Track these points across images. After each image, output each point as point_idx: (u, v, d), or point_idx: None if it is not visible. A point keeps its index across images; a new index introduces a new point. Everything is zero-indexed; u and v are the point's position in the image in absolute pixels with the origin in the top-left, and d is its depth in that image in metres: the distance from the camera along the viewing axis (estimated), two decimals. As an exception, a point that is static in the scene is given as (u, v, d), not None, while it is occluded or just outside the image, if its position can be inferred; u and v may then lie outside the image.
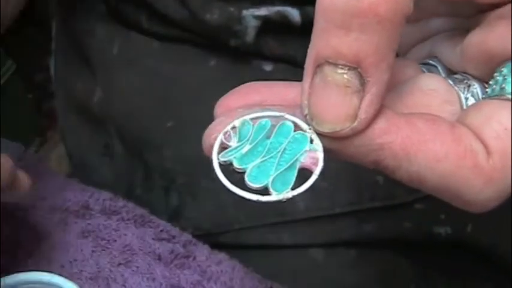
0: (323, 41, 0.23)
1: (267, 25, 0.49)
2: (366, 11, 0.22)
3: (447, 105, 0.26)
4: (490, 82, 0.26)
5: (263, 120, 0.26)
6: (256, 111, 0.26)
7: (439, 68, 0.29)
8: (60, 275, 0.37)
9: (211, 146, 0.26)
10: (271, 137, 0.26)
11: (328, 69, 0.23)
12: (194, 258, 0.42)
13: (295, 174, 0.25)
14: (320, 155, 0.25)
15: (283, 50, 0.52)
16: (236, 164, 0.25)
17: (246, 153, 0.26)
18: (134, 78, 0.57)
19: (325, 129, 0.24)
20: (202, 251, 0.43)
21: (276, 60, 0.53)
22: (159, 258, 0.42)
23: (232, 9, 0.49)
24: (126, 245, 0.42)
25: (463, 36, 0.27)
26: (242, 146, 0.26)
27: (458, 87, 0.27)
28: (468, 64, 0.27)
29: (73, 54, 0.62)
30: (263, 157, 0.25)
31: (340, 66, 0.23)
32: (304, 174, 0.25)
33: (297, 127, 0.25)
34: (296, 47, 0.52)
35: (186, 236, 0.44)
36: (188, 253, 0.43)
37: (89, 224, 0.43)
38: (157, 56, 0.56)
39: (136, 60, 0.57)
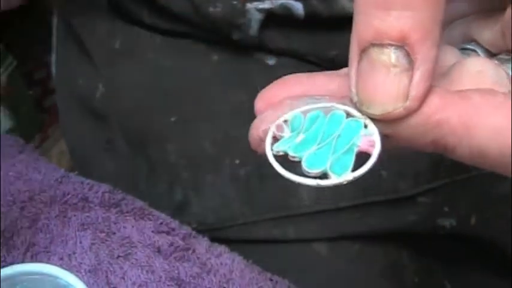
0: (365, 24, 0.23)
1: (271, 18, 0.49)
2: None
3: (497, 86, 0.25)
4: None
5: (314, 111, 0.25)
6: (305, 104, 0.25)
7: (479, 51, 0.29)
8: (60, 267, 0.37)
9: (260, 139, 0.25)
10: (324, 126, 0.25)
11: (373, 51, 0.23)
12: (194, 251, 0.42)
13: (353, 157, 0.24)
14: (377, 138, 0.24)
15: (286, 43, 0.52)
16: (291, 153, 0.25)
17: (300, 142, 0.25)
18: (137, 73, 0.57)
19: (377, 111, 0.23)
20: (202, 244, 0.43)
21: (279, 54, 0.53)
22: (159, 250, 0.41)
23: (235, 2, 0.48)
24: (126, 237, 0.42)
25: (501, 13, 0.26)
26: (295, 136, 0.25)
27: (506, 66, 0.26)
28: None
29: (74, 50, 0.62)
30: (318, 144, 0.25)
31: (386, 46, 0.22)
32: (361, 159, 0.24)
33: (349, 115, 0.25)
34: (300, 40, 0.51)
35: (186, 229, 0.44)
36: (188, 246, 0.42)
37: (88, 216, 0.43)
38: (160, 51, 0.56)
39: (138, 55, 0.57)
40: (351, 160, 0.24)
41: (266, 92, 0.27)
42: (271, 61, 0.53)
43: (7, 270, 0.36)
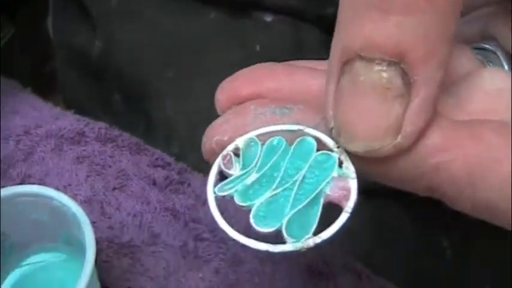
0: (352, 29, 0.17)
1: None
2: None
3: None
4: None
5: (275, 139, 0.20)
6: (271, 115, 0.20)
7: (500, 55, 0.23)
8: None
9: (213, 151, 0.21)
10: (287, 161, 0.19)
11: (360, 66, 0.17)
12: (189, 185, 0.42)
13: (319, 212, 0.18)
14: (353, 184, 0.18)
15: (283, 0, 0.52)
16: (238, 200, 0.19)
17: (252, 184, 0.19)
18: (134, 30, 0.57)
19: (358, 147, 0.18)
20: (197, 178, 0.43)
21: (277, 11, 0.53)
22: (154, 183, 0.42)
23: None
24: (121, 170, 0.42)
25: None
26: (247, 175, 0.19)
27: None
28: None
29: (71, 7, 0.62)
30: (275, 189, 0.19)
31: (377, 62, 0.17)
32: (330, 209, 0.19)
33: (320, 144, 0.19)
34: None
35: (181, 165, 0.44)
36: (183, 179, 0.42)
37: (84, 150, 0.43)
38: (157, 8, 0.56)
39: (135, 13, 0.57)
40: (316, 217, 0.18)
41: (231, 83, 0.22)
42: (268, 18, 0.54)
43: (5, 191, 0.36)
